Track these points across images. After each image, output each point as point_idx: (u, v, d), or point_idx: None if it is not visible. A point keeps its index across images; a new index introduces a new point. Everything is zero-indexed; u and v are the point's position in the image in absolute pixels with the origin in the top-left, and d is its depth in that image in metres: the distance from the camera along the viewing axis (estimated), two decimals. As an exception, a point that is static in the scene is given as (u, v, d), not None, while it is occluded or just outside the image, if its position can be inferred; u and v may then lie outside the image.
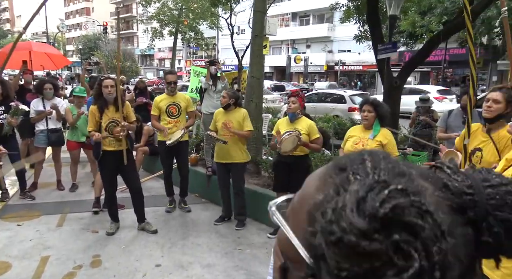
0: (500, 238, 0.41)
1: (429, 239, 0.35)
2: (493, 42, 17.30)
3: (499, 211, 0.42)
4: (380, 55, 7.16)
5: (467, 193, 0.42)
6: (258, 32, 5.51)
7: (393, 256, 0.35)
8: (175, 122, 4.80)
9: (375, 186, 0.38)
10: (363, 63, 31.00)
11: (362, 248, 0.35)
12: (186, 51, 45.41)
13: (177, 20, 17.80)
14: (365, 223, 0.36)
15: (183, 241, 4.11)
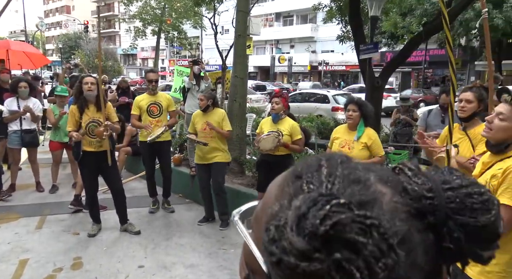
0: (461, 243, 0.40)
1: (372, 256, 0.33)
2: (471, 43, 17.76)
3: (459, 214, 0.40)
4: (362, 55, 7.26)
5: (427, 197, 0.40)
6: (241, 32, 5.52)
7: (335, 275, 0.33)
8: (156, 122, 4.75)
9: (319, 201, 0.36)
10: (346, 64, 31.37)
11: (302, 270, 0.34)
12: (169, 51, 45.01)
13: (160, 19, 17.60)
14: (305, 242, 0.34)
15: (167, 241, 4.08)
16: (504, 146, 1.75)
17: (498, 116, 1.74)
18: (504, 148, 1.75)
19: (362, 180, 0.39)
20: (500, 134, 1.74)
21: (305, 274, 0.34)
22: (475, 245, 0.40)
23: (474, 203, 0.41)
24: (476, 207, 0.40)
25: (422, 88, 23.45)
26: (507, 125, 1.71)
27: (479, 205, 0.41)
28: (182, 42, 20.20)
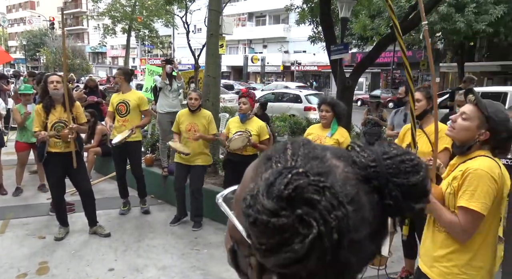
0: (398, 200, 0.49)
1: (325, 209, 0.42)
2: (435, 45, 18.46)
3: (395, 177, 0.49)
4: (333, 56, 7.41)
5: (371, 166, 0.50)
6: (214, 31, 5.49)
7: (298, 226, 0.42)
8: (123, 121, 4.64)
9: (283, 172, 0.45)
10: (318, 64, 31.85)
11: (272, 224, 0.43)
12: (140, 49, 44.13)
13: (130, 17, 17.18)
14: (273, 203, 0.43)
15: (138, 243, 4.00)
16: (466, 147, 1.76)
17: (462, 116, 1.76)
18: (466, 150, 1.76)
19: (320, 157, 0.49)
20: (462, 133, 1.75)
21: (275, 228, 0.43)
22: (409, 200, 0.49)
23: (407, 167, 0.50)
24: (408, 170, 0.50)
25: (390, 88, 24.18)
26: (469, 125, 1.72)
27: (410, 168, 0.50)
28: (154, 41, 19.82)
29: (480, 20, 13.53)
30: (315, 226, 0.42)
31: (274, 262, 0.44)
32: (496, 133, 1.69)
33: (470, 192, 1.67)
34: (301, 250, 0.42)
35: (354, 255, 0.46)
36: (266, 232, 0.43)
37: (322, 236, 0.42)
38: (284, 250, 0.43)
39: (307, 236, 0.42)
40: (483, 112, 1.70)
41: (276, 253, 0.43)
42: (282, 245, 0.43)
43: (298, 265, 0.43)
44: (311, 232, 0.42)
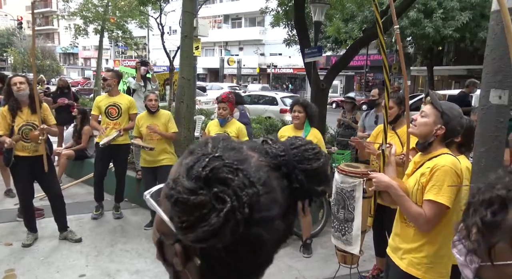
0: (303, 183, 0.56)
1: (237, 187, 0.49)
2: (406, 49, 19.04)
3: (301, 164, 0.56)
4: (307, 59, 7.51)
5: (281, 155, 0.57)
6: (188, 32, 5.46)
7: (214, 203, 0.48)
8: (114, 124, 4.56)
9: (201, 158, 0.51)
10: (294, 67, 32.16)
11: (192, 202, 0.48)
12: (114, 51, 43.23)
13: (103, 17, 16.77)
14: (192, 183, 0.49)
15: (111, 248, 3.92)
16: (427, 143, 1.92)
17: (421, 114, 1.95)
18: (428, 145, 1.92)
19: (237, 148, 0.55)
20: (421, 128, 1.92)
21: (194, 205, 0.48)
22: (312, 183, 0.57)
23: (309, 155, 0.58)
24: (310, 157, 0.58)
25: (364, 91, 24.72)
26: (427, 121, 1.90)
27: (312, 155, 0.58)
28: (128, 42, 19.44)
29: (447, 25, 14.07)
30: (229, 201, 0.48)
31: (193, 237, 0.49)
32: (451, 127, 1.87)
33: (437, 186, 1.81)
34: (216, 223, 0.47)
35: (267, 232, 0.52)
36: (186, 210, 0.49)
37: (234, 210, 0.47)
38: (202, 225, 0.48)
39: (222, 210, 0.47)
40: (438, 109, 1.88)
41: (195, 229, 0.48)
42: (200, 220, 0.48)
43: (215, 238, 0.48)
44: (225, 206, 0.47)
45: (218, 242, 0.49)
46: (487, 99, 1.80)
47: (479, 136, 1.84)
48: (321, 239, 4.22)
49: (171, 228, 0.53)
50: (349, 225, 3.07)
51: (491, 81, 1.78)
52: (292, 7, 8.75)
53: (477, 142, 1.86)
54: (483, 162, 1.80)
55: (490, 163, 1.78)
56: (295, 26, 8.96)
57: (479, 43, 14.35)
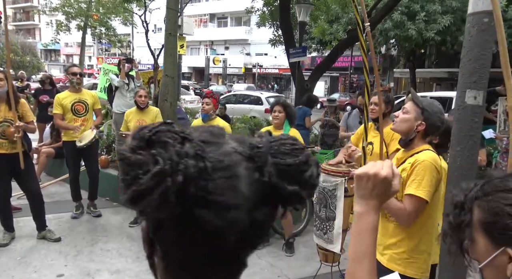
0: (272, 177, 0.53)
1: (176, 153, 0.47)
2: (389, 51, 19.34)
3: (275, 157, 0.54)
4: (291, 58, 7.56)
5: (258, 147, 0.55)
6: (172, 30, 5.43)
7: (150, 164, 0.47)
8: (82, 121, 4.48)
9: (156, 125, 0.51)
10: (279, 67, 32.29)
11: (128, 160, 0.48)
12: (97, 48, 42.55)
13: (86, 13, 16.45)
14: (135, 143, 0.49)
15: (91, 247, 3.86)
16: (408, 139, 1.96)
17: (402, 111, 2.00)
18: (409, 141, 1.96)
19: (215, 133, 0.54)
20: (403, 124, 1.97)
21: (131, 163, 0.48)
22: (283, 179, 0.53)
23: (286, 149, 0.55)
24: (286, 151, 0.55)
25: (348, 92, 25.00)
26: (408, 117, 1.95)
27: (289, 151, 0.55)
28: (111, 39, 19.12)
29: (430, 28, 14.35)
30: (161, 163, 0.46)
31: (127, 197, 0.48)
32: (431, 123, 1.92)
33: (417, 181, 1.84)
34: (144, 184, 0.46)
35: (219, 219, 0.48)
36: (126, 168, 0.48)
37: (165, 174, 0.46)
38: (133, 183, 0.47)
39: (151, 170, 0.46)
40: (418, 105, 1.93)
41: (129, 187, 0.48)
42: (137, 178, 0.47)
43: (143, 201, 0.47)
44: (156, 168, 0.46)
45: (147, 206, 0.47)
46: (463, 99, 1.84)
47: (455, 136, 1.89)
48: (304, 238, 4.25)
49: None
50: (330, 224, 3.10)
51: (467, 82, 1.83)
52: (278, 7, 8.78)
53: (453, 141, 1.91)
54: (459, 161, 1.85)
55: (465, 161, 1.83)
56: (280, 26, 9.00)
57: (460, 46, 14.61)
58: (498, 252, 0.69)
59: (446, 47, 16.05)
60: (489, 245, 0.71)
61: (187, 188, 0.47)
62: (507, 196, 0.70)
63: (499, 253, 0.69)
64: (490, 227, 0.71)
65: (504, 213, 0.68)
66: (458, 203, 0.78)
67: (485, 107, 3.32)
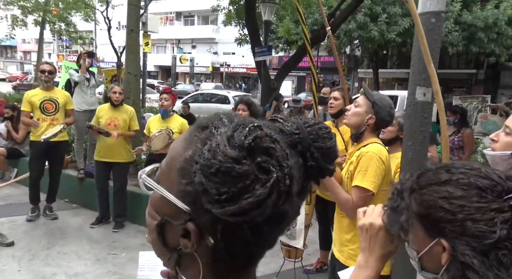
0: (319, 161, 0.56)
1: (280, 157, 0.48)
2: (354, 52, 19.85)
3: (316, 142, 0.56)
4: (257, 57, 7.59)
5: (295, 133, 0.56)
6: (134, 26, 5.31)
7: (258, 173, 0.46)
8: (51, 120, 4.30)
9: (238, 127, 0.49)
10: (247, 66, 32.32)
11: (235, 172, 0.45)
12: (57, 44, 40.82)
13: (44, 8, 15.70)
14: (236, 152, 0.46)
15: (47, 251, 3.70)
16: (359, 132, 2.01)
17: (354, 104, 2.04)
18: (360, 135, 2.01)
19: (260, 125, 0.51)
20: (354, 118, 2.01)
21: (237, 175, 0.45)
22: (326, 162, 0.57)
23: (323, 133, 0.58)
24: (325, 136, 0.58)
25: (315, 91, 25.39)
26: (359, 110, 2.00)
27: (326, 134, 0.58)
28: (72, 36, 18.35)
29: (391, 30, 14.86)
30: (274, 172, 0.46)
31: (235, 210, 0.46)
32: (380, 117, 1.98)
33: (362, 172, 1.89)
34: (262, 194, 0.45)
35: (290, 208, 0.51)
36: (228, 180, 0.46)
37: (279, 181, 0.46)
38: (246, 196, 0.45)
39: (268, 181, 0.46)
40: (369, 99, 1.98)
41: (237, 200, 0.45)
42: (243, 191, 0.45)
43: (257, 210, 0.46)
44: (271, 177, 0.46)
45: (259, 215, 0.46)
46: (414, 96, 1.91)
47: (407, 131, 1.96)
48: (268, 234, 4.28)
49: (179, 207, 0.50)
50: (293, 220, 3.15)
51: (417, 80, 1.90)
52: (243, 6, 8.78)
53: (405, 136, 1.98)
54: (410, 155, 1.92)
55: (416, 155, 1.90)
56: (246, 25, 9.01)
57: (419, 48, 15.26)
58: (433, 242, 0.73)
59: (407, 48, 16.68)
60: (425, 236, 0.74)
61: (292, 188, 0.48)
62: (439, 189, 0.73)
63: (434, 244, 0.73)
64: (425, 219, 0.74)
65: (437, 206, 0.71)
66: (395, 191, 0.81)
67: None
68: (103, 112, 4.24)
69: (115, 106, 4.23)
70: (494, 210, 0.67)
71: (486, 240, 0.66)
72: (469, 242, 0.68)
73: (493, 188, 0.70)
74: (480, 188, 0.70)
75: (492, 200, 0.68)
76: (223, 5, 12.01)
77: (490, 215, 0.67)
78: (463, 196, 0.70)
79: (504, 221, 0.66)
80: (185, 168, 0.49)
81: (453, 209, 0.70)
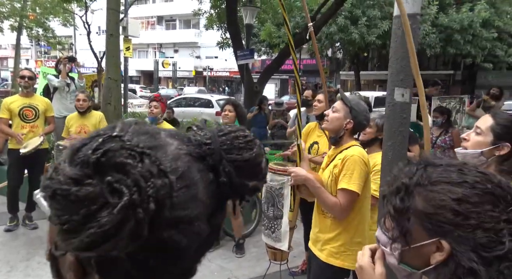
0: (232, 176, 0.47)
1: (141, 175, 0.38)
2: (336, 55, 20.12)
3: (230, 153, 0.48)
4: (239, 61, 7.61)
5: (206, 143, 0.48)
6: (113, 31, 5.25)
7: (108, 196, 0.37)
8: (31, 127, 4.20)
9: (93, 138, 0.40)
10: (230, 70, 32.32)
11: (74, 195, 0.37)
12: (36, 50, 39.95)
13: (20, 13, 15.35)
14: (76, 170, 0.37)
15: (27, 262, 3.59)
16: (338, 136, 2.06)
17: (332, 110, 2.09)
18: (339, 138, 2.06)
19: (151, 133, 0.44)
20: (333, 123, 2.07)
21: (79, 199, 0.36)
22: (243, 177, 0.48)
23: (240, 143, 0.50)
24: (241, 146, 0.49)
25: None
26: (337, 115, 2.06)
27: (243, 144, 0.50)
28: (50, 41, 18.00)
29: (371, 33, 15.13)
30: (127, 194, 0.37)
31: (77, 244, 0.37)
32: (358, 121, 2.04)
33: (348, 175, 1.93)
34: (108, 223, 0.36)
35: (184, 237, 0.42)
36: (68, 206, 0.37)
37: (135, 205, 0.37)
38: (89, 226, 0.36)
39: (116, 205, 0.37)
40: (347, 104, 2.04)
41: (80, 231, 0.37)
42: (87, 219, 0.37)
43: (107, 243, 0.37)
44: (121, 200, 0.37)
45: (113, 249, 0.38)
46: (392, 97, 1.95)
47: (387, 132, 2.00)
48: (254, 238, 4.27)
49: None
50: (278, 222, 3.14)
51: (395, 80, 1.94)
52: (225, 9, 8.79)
53: (385, 137, 2.02)
54: (390, 155, 1.95)
55: (396, 155, 1.94)
56: (228, 29, 9.02)
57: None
58: (431, 241, 0.70)
59: (386, 50, 17.01)
60: (423, 233, 0.71)
61: (161, 214, 0.39)
62: (454, 190, 0.69)
63: (430, 242, 0.70)
64: (429, 218, 0.70)
65: (449, 207, 0.68)
66: (402, 186, 0.73)
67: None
68: (72, 121, 4.25)
69: (82, 113, 4.23)
70: (505, 220, 0.65)
71: (496, 251, 0.64)
72: (477, 249, 0.65)
73: (505, 198, 0.67)
74: (495, 195, 0.67)
75: (503, 209, 0.66)
76: (204, 9, 12.00)
77: (501, 225, 0.65)
78: (479, 202, 0.67)
79: (511, 232, 0.64)
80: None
81: (467, 213, 0.66)
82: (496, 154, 1.34)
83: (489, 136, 1.35)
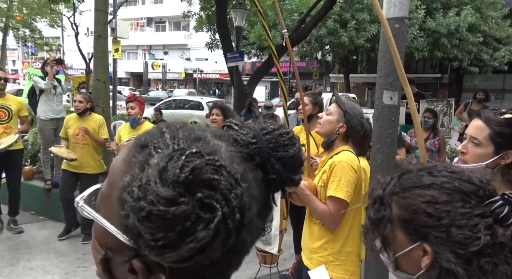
0: (280, 172, 0.50)
1: (225, 189, 0.40)
2: (325, 57, 20.24)
3: (276, 151, 0.50)
4: (229, 63, 7.59)
5: (252, 143, 0.49)
6: (101, 32, 5.18)
7: (199, 212, 0.39)
8: (5, 128, 4.12)
9: (173, 155, 0.41)
10: (220, 72, 32.29)
11: (172, 214, 0.38)
12: (22, 51, 39.37)
13: (6, 14, 15.09)
14: (170, 191, 0.38)
15: (11, 267, 3.51)
16: (330, 140, 2.01)
17: (326, 112, 2.05)
18: (330, 142, 2.01)
19: (202, 137, 0.46)
20: (326, 126, 2.01)
21: (175, 218, 0.38)
22: (289, 172, 0.51)
23: (284, 140, 0.51)
24: (286, 143, 0.51)
25: (288, 96, 25.68)
26: (331, 118, 2.00)
27: (288, 141, 0.51)
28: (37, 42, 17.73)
29: (360, 36, 15.27)
30: (219, 209, 0.39)
31: (174, 257, 0.39)
32: (351, 126, 1.99)
33: (336, 182, 1.88)
34: (205, 237, 0.39)
35: (249, 235, 0.44)
36: (164, 224, 0.38)
37: (226, 218, 0.40)
38: (186, 241, 0.39)
39: (212, 221, 0.39)
40: (341, 107, 1.99)
41: (177, 246, 0.39)
42: (183, 235, 0.39)
43: (202, 255, 0.40)
44: (215, 215, 0.39)
45: (206, 259, 0.40)
46: (381, 100, 1.96)
47: (375, 134, 2.00)
48: (244, 241, 4.25)
49: (122, 241, 0.43)
50: (268, 225, 3.13)
51: (384, 83, 1.95)
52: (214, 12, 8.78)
53: (374, 140, 2.02)
54: (379, 158, 1.96)
55: (385, 158, 1.95)
56: (218, 31, 9.00)
57: (387, 53, 15.79)
58: (414, 245, 0.71)
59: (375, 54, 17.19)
60: (406, 239, 0.72)
61: (243, 221, 0.42)
62: (423, 193, 0.70)
63: (415, 247, 0.71)
64: (407, 223, 0.71)
65: (421, 211, 0.69)
66: (377, 198, 0.77)
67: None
68: (71, 122, 4.12)
69: (82, 115, 4.11)
70: (478, 215, 0.66)
71: (472, 247, 0.64)
72: (454, 248, 0.66)
73: (476, 193, 0.68)
74: (464, 192, 0.68)
75: (475, 205, 0.67)
76: (194, 11, 11.97)
77: (474, 220, 0.65)
78: (448, 201, 0.68)
79: (486, 226, 0.65)
80: (122, 198, 0.41)
81: (438, 214, 0.68)
82: (502, 163, 1.25)
83: (489, 147, 1.26)
